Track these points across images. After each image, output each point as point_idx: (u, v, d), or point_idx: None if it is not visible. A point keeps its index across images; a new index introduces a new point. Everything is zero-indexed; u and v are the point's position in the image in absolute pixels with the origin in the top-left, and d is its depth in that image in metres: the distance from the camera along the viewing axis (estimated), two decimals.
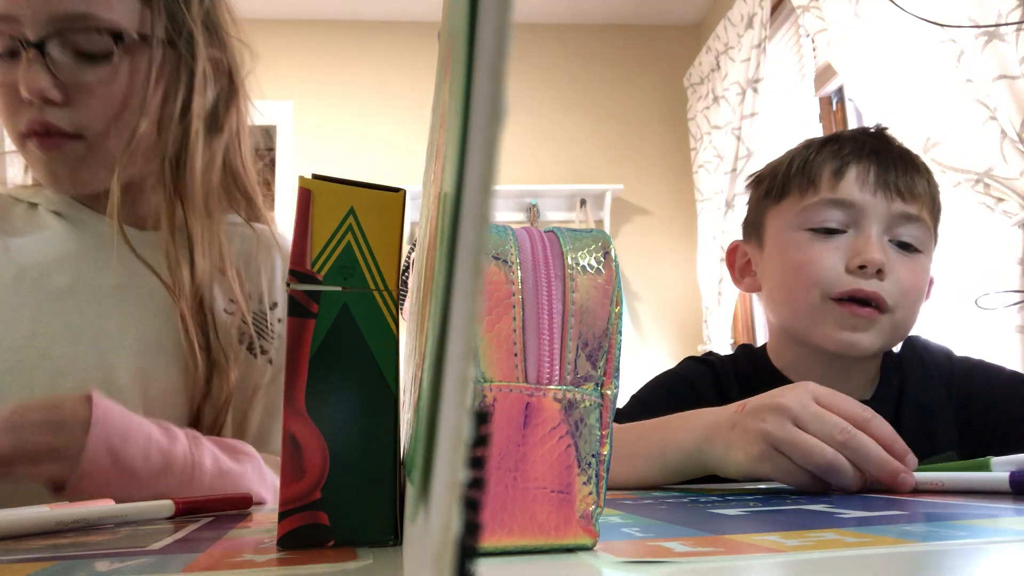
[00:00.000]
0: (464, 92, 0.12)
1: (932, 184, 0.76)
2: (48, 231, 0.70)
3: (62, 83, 0.64)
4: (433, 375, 0.14)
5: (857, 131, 0.79)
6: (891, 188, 0.72)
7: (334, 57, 3.01)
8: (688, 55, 3.13)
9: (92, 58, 0.64)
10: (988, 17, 1.38)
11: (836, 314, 0.72)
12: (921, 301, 0.75)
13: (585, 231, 0.31)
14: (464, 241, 0.11)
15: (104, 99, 0.65)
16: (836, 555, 0.25)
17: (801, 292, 0.74)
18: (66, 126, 0.65)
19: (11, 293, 0.66)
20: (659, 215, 3.11)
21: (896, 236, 0.73)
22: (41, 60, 0.63)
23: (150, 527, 0.42)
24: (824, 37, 1.96)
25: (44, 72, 0.63)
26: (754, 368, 0.81)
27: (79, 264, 0.68)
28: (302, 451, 0.31)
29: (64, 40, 0.63)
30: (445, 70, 0.19)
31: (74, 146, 0.66)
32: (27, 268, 0.67)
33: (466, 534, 0.10)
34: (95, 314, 0.66)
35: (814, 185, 0.75)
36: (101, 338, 0.65)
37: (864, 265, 0.70)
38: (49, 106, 0.64)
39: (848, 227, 0.73)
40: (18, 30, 0.63)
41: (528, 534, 0.27)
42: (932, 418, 0.74)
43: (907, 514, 0.36)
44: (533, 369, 0.28)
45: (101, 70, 0.65)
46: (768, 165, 0.84)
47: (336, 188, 0.33)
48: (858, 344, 0.71)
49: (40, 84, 0.63)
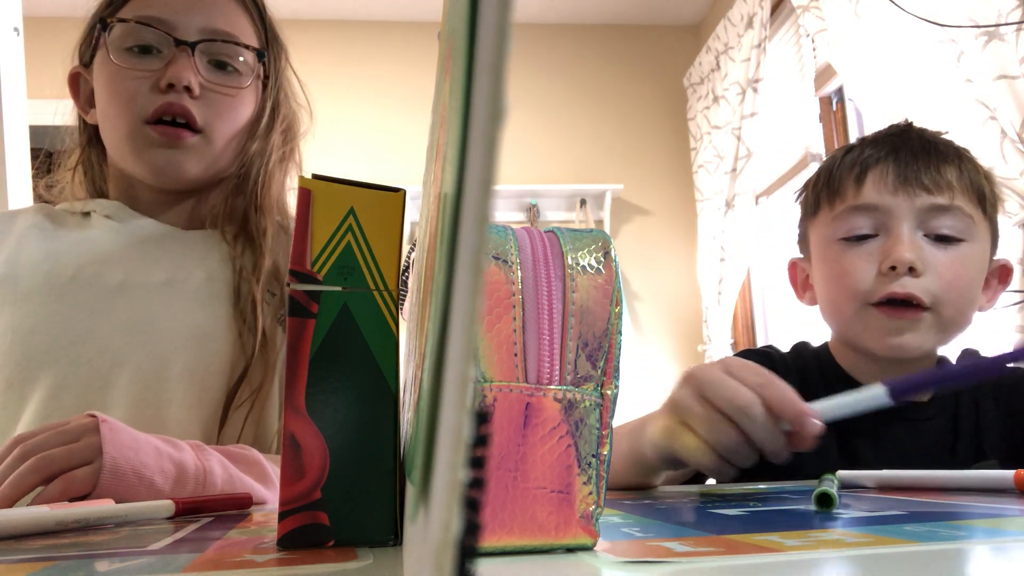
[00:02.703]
0: (464, 92, 0.12)
1: (967, 168, 0.73)
2: (100, 233, 0.76)
3: (201, 81, 0.74)
4: (433, 375, 0.13)
5: (881, 132, 0.79)
6: (912, 183, 0.71)
7: (334, 57, 3.01)
8: (688, 55, 3.13)
9: (227, 69, 0.76)
10: (988, 17, 1.38)
11: (879, 320, 0.71)
12: (971, 291, 0.72)
13: (585, 231, 0.31)
14: (464, 241, 0.11)
15: (230, 105, 0.76)
16: (836, 555, 0.25)
17: (843, 303, 0.74)
18: (197, 116, 0.73)
19: (69, 291, 0.71)
20: (659, 215, 3.10)
21: (932, 230, 0.71)
22: (189, 57, 0.73)
23: (150, 527, 0.42)
24: (824, 37, 1.96)
25: (191, 67, 0.73)
26: (819, 366, 0.80)
27: (129, 262, 0.74)
28: (302, 451, 0.31)
29: (209, 49, 0.74)
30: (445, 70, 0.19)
31: (193, 139, 0.74)
32: (83, 267, 0.73)
33: (466, 534, 0.10)
34: (146, 308, 0.72)
35: (840, 195, 0.75)
36: (153, 330, 0.71)
37: (894, 266, 0.69)
38: (186, 96, 0.72)
39: (878, 231, 0.72)
40: (170, 31, 0.73)
41: (528, 534, 0.27)
42: (983, 428, 0.73)
43: (907, 514, 0.36)
44: (533, 369, 0.28)
45: (234, 79, 0.76)
46: (807, 180, 0.84)
47: (336, 188, 0.33)
48: (906, 345, 0.70)
49: (188, 74, 0.72)
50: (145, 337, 0.70)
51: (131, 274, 0.73)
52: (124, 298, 0.72)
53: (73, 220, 0.79)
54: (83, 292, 0.71)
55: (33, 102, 1.27)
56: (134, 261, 0.74)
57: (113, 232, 0.76)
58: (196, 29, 0.74)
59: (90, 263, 0.73)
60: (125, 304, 0.71)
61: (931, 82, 1.55)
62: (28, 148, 1.25)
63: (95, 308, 0.71)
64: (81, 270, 0.73)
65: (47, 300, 0.71)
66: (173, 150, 0.73)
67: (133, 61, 0.73)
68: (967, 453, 0.72)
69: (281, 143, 0.83)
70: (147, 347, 0.70)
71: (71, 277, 0.72)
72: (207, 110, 0.74)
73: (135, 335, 0.70)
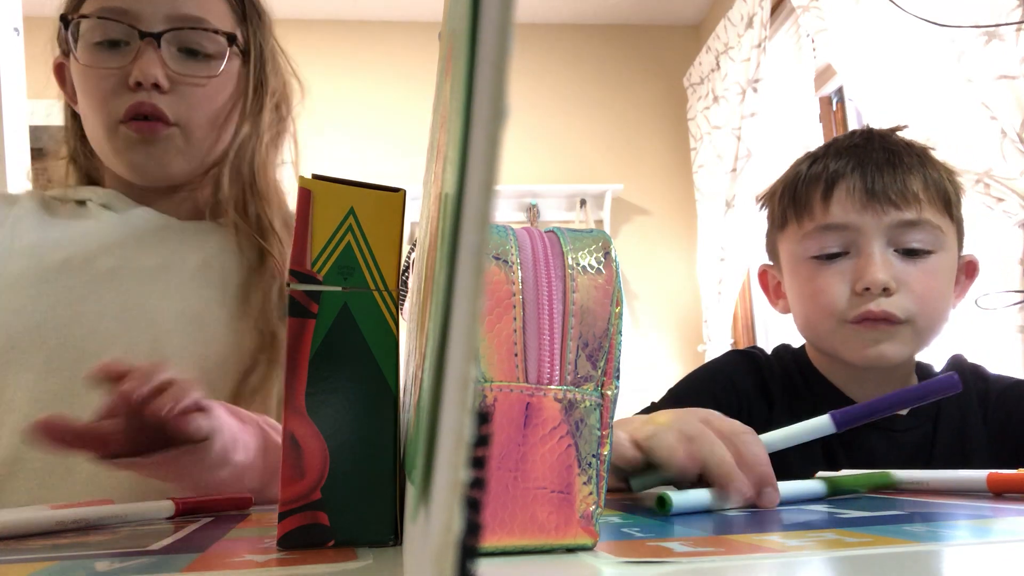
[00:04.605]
0: (466, 92, 0.12)
1: (931, 175, 0.73)
2: (95, 221, 0.75)
3: (170, 74, 0.70)
4: (434, 375, 0.14)
5: (843, 141, 0.78)
6: (880, 200, 0.71)
7: (334, 57, 3.01)
8: (688, 55, 3.13)
9: (198, 56, 0.72)
10: (988, 17, 1.38)
11: (856, 332, 0.72)
12: (944, 300, 0.73)
13: (585, 231, 0.31)
14: (465, 241, 0.11)
15: (204, 95, 0.73)
16: (836, 555, 0.25)
17: (818, 321, 0.75)
18: (168, 112, 0.71)
19: (57, 277, 0.70)
20: (659, 215, 3.10)
21: (901, 245, 0.71)
22: (156, 51, 0.70)
23: (150, 527, 0.42)
24: (824, 37, 1.96)
25: (158, 61, 0.70)
26: (799, 369, 0.81)
27: (124, 249, 0.73)
28: (302, 451, 0.31)
29: (177, 37, 0.71)
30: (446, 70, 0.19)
31: (169, 133, 0.72)
32: (74, 255, 0.72)
33: (467, 534, 0.10)
34: (139, 292, 0.71)
35: (807, 211, 0.75)
36: (145, 312, 0.69)
37: (868, 287, 0.70)
38: (156, 93, 0.70)
39: (848, 248, 0.72)
40: (134, 23, 0.69)
41: (528, 534, 0.27)
42: (967, 437, 0.74)
43: (907, 514, 0.36)
44: (533, 369, 0.28)
45: (205, 67, 0.72)
46: (769, 188, 0.84)
47: (336, 188, 0.33)
48: (885, 354, 0.71)
49: (154, 70, 0.69)
50: (136, 319, 0.69)
51: (124, 260, 0.72)
52: (115, 282, 0.71)
53: (67, 208, 0.77)
54: (73, 276, 0.70)
55: (33, 102, 1.27)
56: (129, 248, 0.73)
57: (110, 221, 0.75)
58: (161, 17, 0.70)
59: (83, 249, 0.72)
60: (116, 288, 0.70)
61: (931, 82, 1.55)
62: (28, 148, 1.25)
63: (85, 292, 0.69)
64: (73, 256, 0.71)
65: (35, 283, 0.69)
66: (152, 147, 0.72)
67: (101, 58, 0.71)
68: (948, 463, 0.72)
69: (275, 121, 0.80)
70: (138, 329, 0.68)
71: (62, 261, 0.71)
72: (179, 103, 0.71)
73: (126, 318, 0.69)
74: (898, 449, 0.73)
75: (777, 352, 0.85)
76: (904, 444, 0.73)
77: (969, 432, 0.74)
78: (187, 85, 0.72)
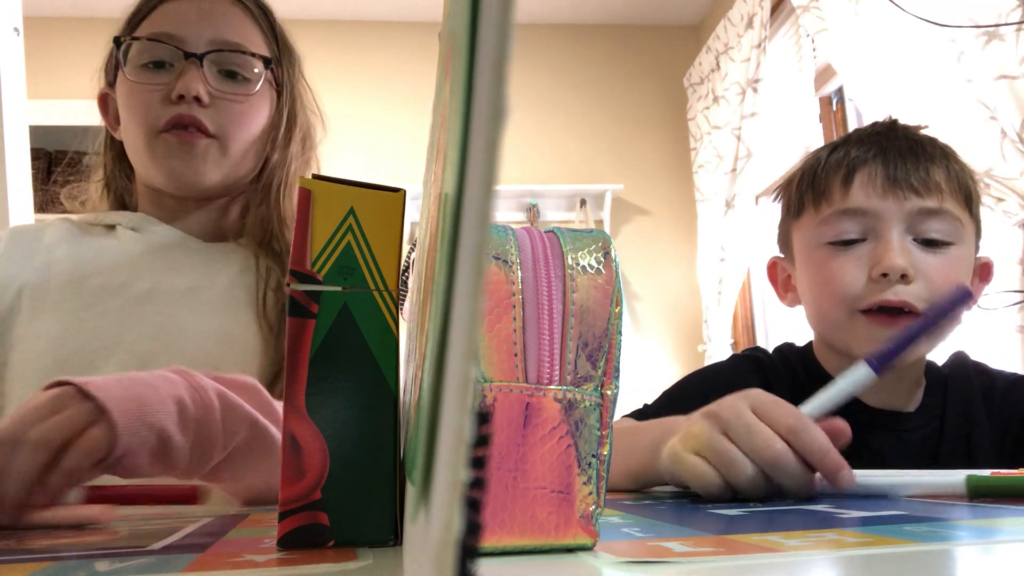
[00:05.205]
0: (465, 92, 0.12)
1: (954, 168, 0.72)
2: (125, 244, 0.80)
3: (210, 91, 0.77)
4: (434, 375, 0.14)
5: (865, 130, 0.77)
6: (902, 186, 0.69)
7: (333, 57, 3.01)
8: (688, 55, 3.13)
9: (237, 77, 0.79)
10: (988, 17, 1.38)
11: (869, 328, 0.69)
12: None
13: (585, 231, 0.31)
14: (465, 241, 0.11)
15: (240, 111, 0.79)
16: (836, 555, 0.25)
17: (831, 308, 0.72)
18: (208, 123, 0.77)
19: (98, 299, 0.74)
20: (659, 215, 3.10)
21: (920, 234, 0.70)
22: (199, 69, 0.76)
23: (150, 527, 0.42)
24: (824, 37, 1.96)
25: (200, 78, 0.76)
26: (805, 369, 0.79)
27: (154, 272, 0.78)
28: (302, 451, 0.31)
29: (218, 59, 0.78)
30: (446, 71, 0.19)
31: (207, 143, 0.77)
32: (110, 280, 0.77)
33: (467, 534, 0.10)
34: (173, 313, 0.75)
35: (826, 198, 0.73)
36: (179, 333, 0.74)
37: (886, 273, 0.68)
38: (197, 106, 0.76)
39: (867, 235, 0.70)
40: (180, 45, 0.77)
41: (528, 534, 0.27)
42: (973, 434, 0.73)
43: (907, 514, 0.36)
44: (533, 369, 0.28)
45: (243, 87, 0.79)
46: (786, 177, 0.83)
47: (336, 188, 0.33)
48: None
49: (196, 85, 0.75)
50: (172, 340, 0.73)
51: (157, 282, 0.76)
52: (152, 305, 0.75)
53: (98, 232, 0.82)
54: (112, 299, 0.74)
55: (33, 102, 1.27)
56: (160, 269, 0.78)
57: (137, 242, 0.80)
58: (205, 41, 0.77)
59: (117, 272, 0.77)
60: (152, 310, 0.74)
61: (931, 82, 1.55)
62: (28, 148, 1.25)
63: (123, 315, 0.74)
64: (109, 279, 0.76)
65: (77, 308, 0.73)
66: (190, 155, 0.77)
67: (147, 76, 0.77)
68: (954, 460, 0.72)
69: (300, 152, 0.86)
70: (174, 350, 0.72)
71: (100, 286, 0.75)
72: (218, 116, 0.77)
73: (162, 339, 0.73)
74: (905, 448, 0.72)
75: (781, 351, 0.83)
76: (911, 443, 0.73)
77: (974, 429, 0.73)
78: (226, 101, 0.78)
